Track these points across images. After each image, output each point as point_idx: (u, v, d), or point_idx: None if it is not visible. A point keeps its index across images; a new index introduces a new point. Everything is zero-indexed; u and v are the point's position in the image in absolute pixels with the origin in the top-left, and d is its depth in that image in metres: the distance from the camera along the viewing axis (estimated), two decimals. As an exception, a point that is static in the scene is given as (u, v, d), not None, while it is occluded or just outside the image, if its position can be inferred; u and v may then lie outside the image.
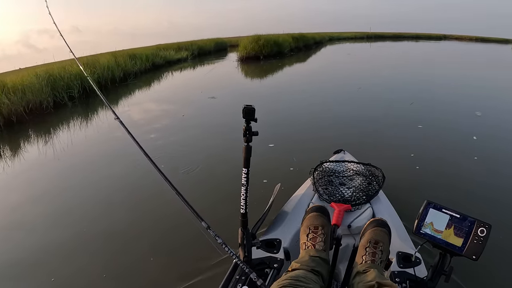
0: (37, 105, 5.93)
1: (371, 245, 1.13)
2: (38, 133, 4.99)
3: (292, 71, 10.78)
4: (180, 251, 2.12)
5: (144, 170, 3.05)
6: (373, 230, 1.16)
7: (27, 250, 2.21)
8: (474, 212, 1.01)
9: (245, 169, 1.13)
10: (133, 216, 2.55)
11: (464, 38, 35.49)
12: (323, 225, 1.20)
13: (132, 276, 1.95)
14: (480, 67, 11.54)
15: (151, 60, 10.79)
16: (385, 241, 1.15)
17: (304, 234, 1.21)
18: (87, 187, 3.09)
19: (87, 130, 4.99)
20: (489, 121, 4.63)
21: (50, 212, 2.70)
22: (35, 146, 4.39)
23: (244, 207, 1.17)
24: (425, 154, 3.44)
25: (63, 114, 5.97)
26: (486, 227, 0.94)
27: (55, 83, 6.49)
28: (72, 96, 6.48)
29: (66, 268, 2.03)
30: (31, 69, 7.95)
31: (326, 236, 1.19)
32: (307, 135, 4.11)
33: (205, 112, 5.51)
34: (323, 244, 1.17)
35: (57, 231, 2.43)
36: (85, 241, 2.28)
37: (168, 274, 1.92)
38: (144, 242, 2.23)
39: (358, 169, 1.89)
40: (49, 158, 3.92)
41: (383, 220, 1.21)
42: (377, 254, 1.11)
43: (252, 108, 1.04)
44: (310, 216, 1.23)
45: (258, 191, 2.36)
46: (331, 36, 28.72)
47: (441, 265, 1.01)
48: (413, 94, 6.30)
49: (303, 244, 1.20)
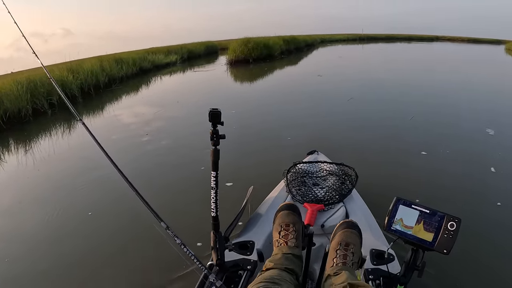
0: (15, 114, 5.79)
1: (341, 248, 1.13)
2: (16, 143, 4.85)
3: (280, 75, 10.69)
4: (143, 261, 2.03)
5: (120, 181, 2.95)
6: (343, 232, 1.16)
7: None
8: (446, 207, 1.00)
9: (213, 172, 1.13)
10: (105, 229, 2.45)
11: (456, 39, 35.79)
12: (294, 222, 1.21)
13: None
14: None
15: (138, 64, 10.64)
16: (356, 242, 1.15)
17: (276, 232, 1.23)
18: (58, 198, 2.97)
19: (61, 142, 4.85)
20: (458, 115, 4.85)
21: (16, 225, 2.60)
22: (13, 157, 4.25)
23: (214, 210, 1.17)
24: (397, 152, 3.56)
25: (43, 122, 5.83)
26: (456, 221, 0.95)
27: (35, 90, 6.34)
28: (52, 103, 6.32)
29: (19, 279, 1.94)
30: (21, 73, 7.83)
31: (297, 233, 1.20)
32: (281, 138, 4.09)
33: (172, 128, 5.42)
34: (295, 241, 1.18)
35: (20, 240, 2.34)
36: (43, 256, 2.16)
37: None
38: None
39: (331, 169, 1.91)
40: (20, 170, 3.79)
41: (353, 222, 1.20)
42: (348, 256, 1.11)
43: (218, 112, 1.04)
44: (281, 214, 1.24)
45: (229, 194, 2.39)
46: (323, 38, 28.75)
47: (414, 261, 1.01)
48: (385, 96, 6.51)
49: (275, 241, 1.21)
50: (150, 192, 3.00)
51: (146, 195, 1.22)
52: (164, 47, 15.30)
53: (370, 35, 39.44)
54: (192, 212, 2.47)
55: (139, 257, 2.07)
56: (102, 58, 9.08)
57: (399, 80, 8.50)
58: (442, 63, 13.23)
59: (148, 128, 4.96)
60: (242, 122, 4.74)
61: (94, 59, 8.80)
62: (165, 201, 2.67)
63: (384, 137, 4.04)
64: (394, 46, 24.98)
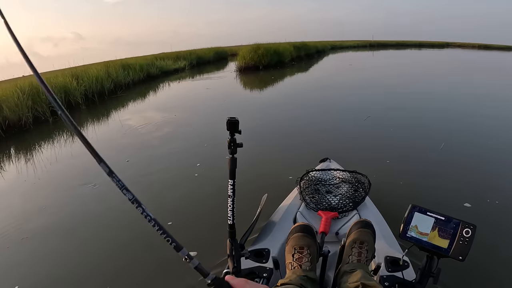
0: (15, 122, 5.51)
1: (356, 245, 1.16)
2: (16, 152, 4.57)
3: (290, 83, 10.30)
4: (152, 271, 1.87)
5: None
6: (358, 231, 1.19)
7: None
8: (460, 214, 1.14)
9: (231, 180, 1.12)
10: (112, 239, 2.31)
11: (467, 45, 35.37)
12: (308, 245, 1.18)
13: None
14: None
15: (145, 70, 10.39)
16: (370, 241, 1.18)
17: (289, 254, 1.20)
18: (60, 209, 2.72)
19: (60, 150, 4.53)
20: (470, 123, 4.68)
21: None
22: (11, 167, 3.94)
23: (231, 218, 1.16)
24: (409, 159, 3.45)
25: (45, 131, 5.55)
26: (471, 228, 0.94)
27: (37, 97, 6.07)
28: (54, 111, 6.03)
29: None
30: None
31: (312, 256, 1.17)
32: (293, 146, 4.00)
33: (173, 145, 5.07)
34: (310, 264, 1.16)
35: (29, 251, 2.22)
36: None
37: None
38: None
39: (344, 177, 1.92)
40: (20, 179, 3.46)
41: (367, 221, 1.22)
42: (363, 254, 1.15)
43: (236, 120, 1.03)
44: (295, 236, 1.20)
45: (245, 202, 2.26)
46: (334, 45, 28.44)
47: (429, 267, 1.01)
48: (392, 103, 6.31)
49: (288, 264, 1.19)
50: (154, 201, 2.75)
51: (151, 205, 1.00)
52: (173, 53, 15.13)
53: (380, 41, 39.17)
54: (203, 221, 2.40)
55: (150, 265, 1.97)
56: (109, 64, 8.82)
57: (413, 89, 8.06)
58: (459, 72, 12.70)
59: (152, 136, 4.63)
60: (254, 130, 4.58)
61: (100, 65, 8.54)
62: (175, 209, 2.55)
63: (396, 145, 3.93)
64: (406, 53, 24.48)
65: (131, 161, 3.80)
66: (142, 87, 9.52)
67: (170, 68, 12.44)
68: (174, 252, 0.56)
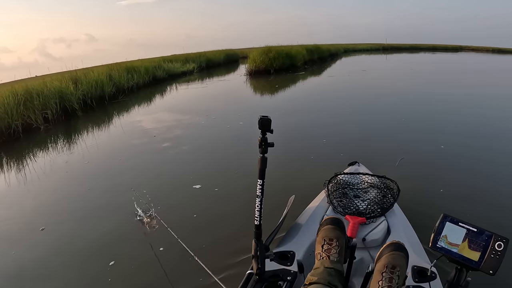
0: (3, 130, 5.03)
1: (388, 270, 1.07)
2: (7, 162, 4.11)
3: (305, 88, 9.65)
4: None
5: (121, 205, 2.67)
6: (390, 254, 1.09)
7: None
8: (492, 226, 0.93)
9: (260, 180, 1.10)
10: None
11: (480, 49, 34.33)
12: (338, 238, 1.18)
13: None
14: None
15: (151, 73, 9.88)
16: (403, 265, 1.09)
17: (319, 245, 1.20)
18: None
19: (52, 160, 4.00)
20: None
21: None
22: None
23: (258, 219, 1.13)
24: (440, 167, 3.26)
25: (37, 140, 5.06)
26: (504, 241, 0.89)
27: (30, 102, 5.59)
28: (46, 118, 5.53)
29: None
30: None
31: (340, 248, 1.17)
32: (321, 148, 3.94)
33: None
34: (338, 256, 1.16)
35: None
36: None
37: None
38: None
39: (373, 182, 1.88)
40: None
41: (400, 244, 1.13)
42: (394, 280, 1.06)
43: (268, 119, 1.01)
44: (326, 228, 1.21)
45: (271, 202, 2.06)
46: (346, 48, 27.76)
47: (457, 280, 0.95)
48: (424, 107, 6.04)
49: (317, 254, 1.19)
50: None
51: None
52: (183, 55, 14.69)
53: (393, 44, 38.35)
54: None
55: (163, 267, 1.92)
56: (111, 67, 8.32)
57: (442, 95, 7.39)
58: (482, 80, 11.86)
59: (147, 148, 4.07)
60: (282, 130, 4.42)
61: (103, 67, 8.06)
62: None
63: (426, 152, 3.71)
64: (420, 57, 23.59)
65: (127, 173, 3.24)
66: (146, 91, 9.02)
67: (178, 71, 11.95)
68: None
